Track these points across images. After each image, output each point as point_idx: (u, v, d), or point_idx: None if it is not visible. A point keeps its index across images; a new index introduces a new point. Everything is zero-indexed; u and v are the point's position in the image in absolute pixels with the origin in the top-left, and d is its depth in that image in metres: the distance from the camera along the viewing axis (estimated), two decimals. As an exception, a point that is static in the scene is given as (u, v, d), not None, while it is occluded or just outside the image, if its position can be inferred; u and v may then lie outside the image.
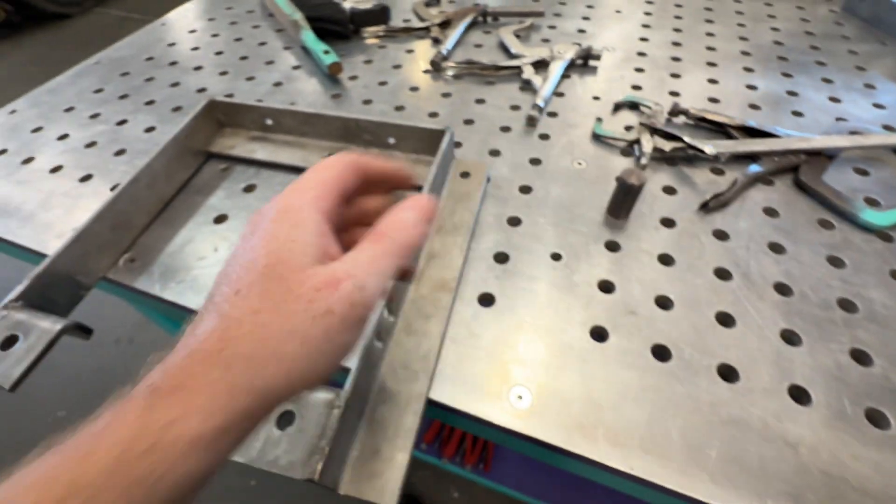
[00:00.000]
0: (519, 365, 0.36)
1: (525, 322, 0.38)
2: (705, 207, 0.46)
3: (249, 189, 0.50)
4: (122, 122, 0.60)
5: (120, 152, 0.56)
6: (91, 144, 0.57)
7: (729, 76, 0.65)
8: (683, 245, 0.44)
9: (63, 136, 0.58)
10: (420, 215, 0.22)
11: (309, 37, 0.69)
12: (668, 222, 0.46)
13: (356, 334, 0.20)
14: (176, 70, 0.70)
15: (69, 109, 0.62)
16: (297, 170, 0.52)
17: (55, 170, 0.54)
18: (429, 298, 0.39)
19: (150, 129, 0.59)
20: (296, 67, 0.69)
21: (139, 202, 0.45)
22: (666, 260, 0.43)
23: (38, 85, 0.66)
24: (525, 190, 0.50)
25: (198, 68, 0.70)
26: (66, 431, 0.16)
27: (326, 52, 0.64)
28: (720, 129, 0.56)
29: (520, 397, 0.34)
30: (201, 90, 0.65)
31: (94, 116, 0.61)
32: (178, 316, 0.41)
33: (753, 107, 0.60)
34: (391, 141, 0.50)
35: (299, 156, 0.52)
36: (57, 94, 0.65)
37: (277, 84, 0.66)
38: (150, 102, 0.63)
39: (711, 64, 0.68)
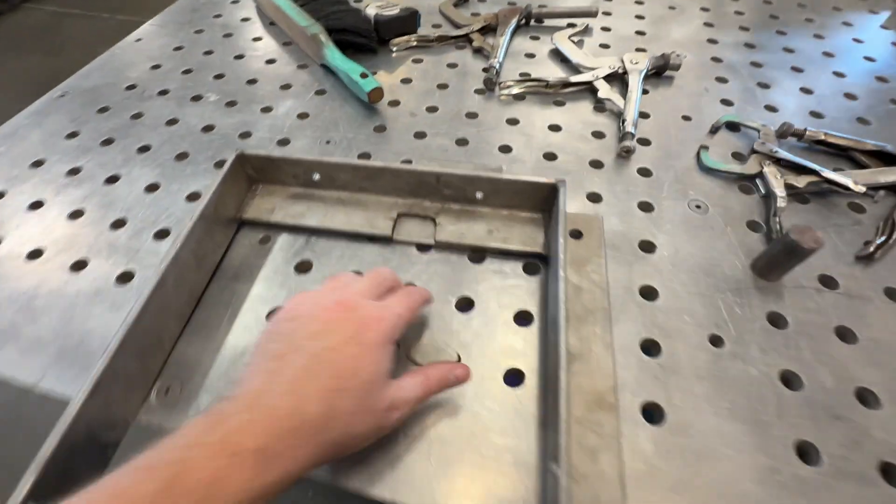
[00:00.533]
0: (728, 512, 0.27)
1: (713, 445, 0.30)
2: (869, 258, 0.39)
3: (304, 268, 0.39)
4: (113, 180, 0.47)
5: (118, 224, 0.43)
6: (76, 214, 0.44)
7: (821, 83, 0.58)
8: (857, 311, 0.37)
9: (36, 205, 0.45)
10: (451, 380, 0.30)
11: (335, 55, 0.56)
12: (827, 281, 0.39)
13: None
14: (168, 101, 0.56)
15: (38, 164, 0.49)
16: (359, 236, 0.41)
17: (34, 255, 0.41)
18: (587, 423, 0.30)
19: (152, 188, 0.46)
20: (320, 92, 0.57)
21: (167, 309, 0.33)
22: (844, 335, 0.35)
23: (-13, 129, 0.51)
24: (647, 247, 0.41)
25: (196, 98, 0.56)
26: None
27: (364, 77, 0.52)
28: (842, 154, 0.48)
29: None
30: (208, 128, 0.52)
31: (74, 172, 0.48)
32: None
33: (862, 121, 0.53)
34: (478, 196, 0.40)
35: (361, 219, 0.41)
36: (16, 142, 0.51)
37: (303, 116, 0.54)
38: (144, 149, 0.50)
39: (797, 69, 0.60)
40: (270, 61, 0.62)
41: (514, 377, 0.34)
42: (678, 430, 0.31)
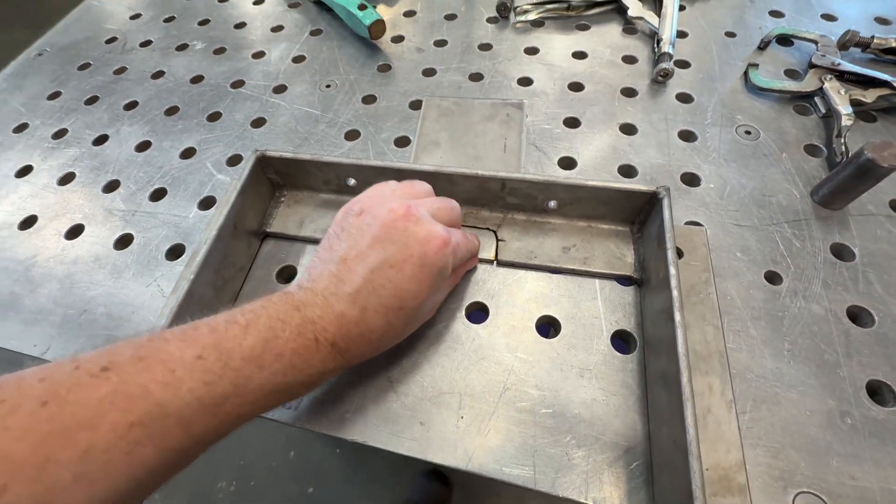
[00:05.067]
0: None
1: (773, 389, 0.27)
2: (950, 180, 0.34)
3: None
4: (102, 140, 0.43)
5: (112, 186, 0.40)
6: (68, 178, 0.41)
7: (886, -15, 0.50)
8: (936, 239, 0.32)
9: (24, 171, 0.42)
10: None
11: (328, -13, 0.51)
12: (900, 207, 0.34)
13: None
14: (152, 53, 0.51)
15: (21, 128, 0.45)
16: None
17: (27, 223, 0.38)
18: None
19: (143, 146, 0.42)
20: (315, 33, 0.52)
21: None
22: (923, 266, 0.31)
23: (-35, 95, 0.48)
24: (690, 180, 0.37)
25: (181, 47, 0.52)
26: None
27: (363, 8, 0.46)
28: (914, 62, 0.42)
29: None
30: (196, 79, 0.48)
31: (60, 135, 0.44)
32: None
33: (936, 25, 0.46)
34: (551, 205, 0.33)
35: None
36: (-3, 106, 0.47)
37: (298, 59, 0.49)
38: (131, 105, 0.46)
39: (857, -30, 0.52)
40: (258, 2, 0.57)
41: (547, 327, 0.31)
42: (734, 375, 0.28)
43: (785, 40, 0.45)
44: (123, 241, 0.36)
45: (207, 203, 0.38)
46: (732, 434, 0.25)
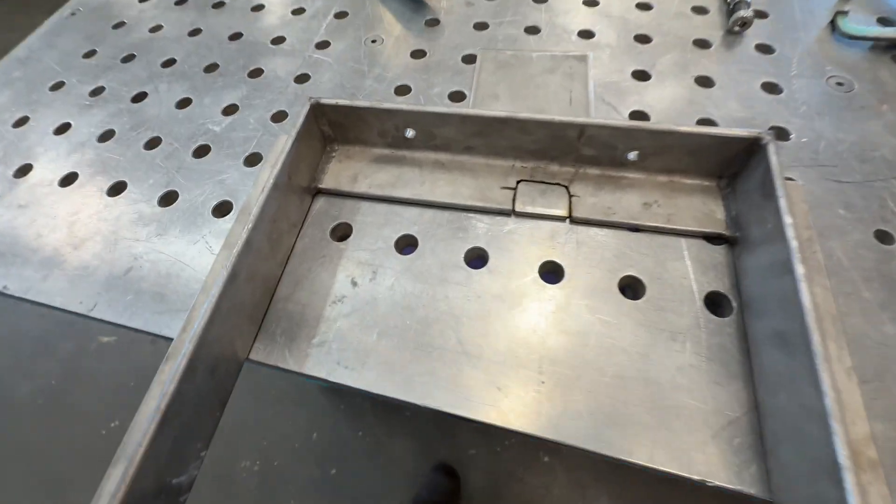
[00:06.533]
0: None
1: (894, 355, 0.24)
2: None
3: (405, 247, 0.31)
4: (141, 97, 0.42)
5: (153, 143, 0.38)
6: (107, 136, 0.39)
7: None
8: None
9: (63, 128, 0.40)
10: None
11: (371, -63, 0.48)
12: None
13: None
14: (187, 10, 0.49)
15: (58, 86, 0.44)
16: (468, 209, 0.31)
17: (67, 180, 0.37)
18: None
19: (184, 103, 0.40)
20: (356, -12, 0.49)
21: (240, 308, 0.26)
22: None
23: None
24: (778, 134, 0.33)
25: (218, 5, 0.49)
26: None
27: (410, -44, 0.43)
28: None
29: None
30: (235, 36, 0.46)
31: (97, 92, 0.43)
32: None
33: None
34: (631, 157, 0.30)
35: (469, 188, 0.31)
36: (32, 66, 0.46)
37: (340, 15, 0.46)
38: (169, 62, 0.44)
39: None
40: (295, -41, 0.54)
41: (629, 288, 0.28)
42: (849, 341, 0.25)
43: (874, -13, 0.41)
44: (168, 199, 0.34)
45: (253, 160, 0.36)
46: (856, 403, 0.22)
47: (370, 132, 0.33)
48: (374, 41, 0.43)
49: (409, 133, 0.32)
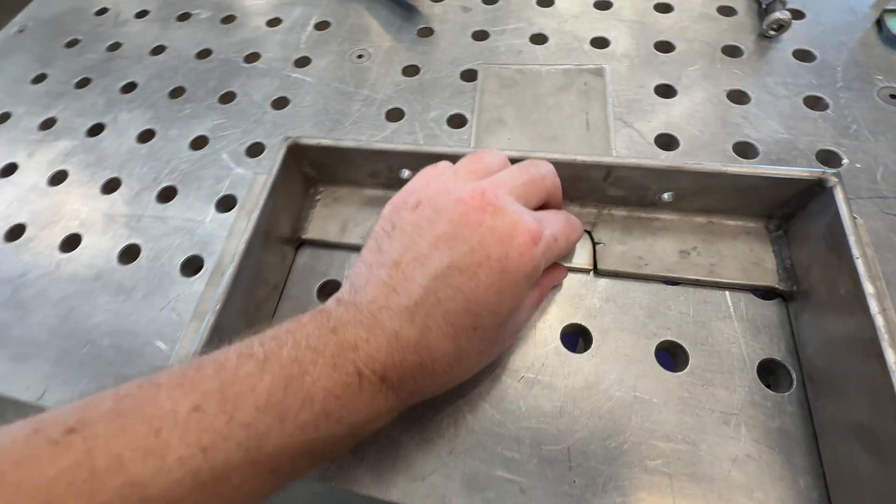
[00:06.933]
0: None
1: None
2: None
3: None
4: (97, 130, 0.37)
5: (112, 186, 0.33)
6: (59, 178, 0.34)
7: None
8: None
9: (8, 169, 0.35)
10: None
11: (352, -65, 0.42)
12: None
13: None
14: (149, 25, 0.44)
15: (2, 118, 0.39)
16: None
17: (14, 234, 0.32)
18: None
19: (147, 136, 0.36)
20: (337, -7, 0.44)
21: None
22: None
23: (-61, 82, 0.41)
24: (826, 159, 0.29)
25: (183, 17, 0.44)
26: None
27: (398, -43, 0.38)
28: None
29: None
30: (203, 54, 0.41)
31: (48, 125, 0.38)
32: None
33: None
34: (665, 197, 0.25)
35: None
36: (-25, 94, 0.41)
37: (321, 26, 0.41)
38: (129, 87, 0.39)
39: None
40: (268, -39, 0.48)
41: (667, 355, 0.24)
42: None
43: (922, -20, 0.37)
44: (129, 254, 0.30)
45: (226, 203, 0.31)
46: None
47: (359, 173, 0.29)
48: (360, 56, 0.38)
49: (405, 174, 0.28)
